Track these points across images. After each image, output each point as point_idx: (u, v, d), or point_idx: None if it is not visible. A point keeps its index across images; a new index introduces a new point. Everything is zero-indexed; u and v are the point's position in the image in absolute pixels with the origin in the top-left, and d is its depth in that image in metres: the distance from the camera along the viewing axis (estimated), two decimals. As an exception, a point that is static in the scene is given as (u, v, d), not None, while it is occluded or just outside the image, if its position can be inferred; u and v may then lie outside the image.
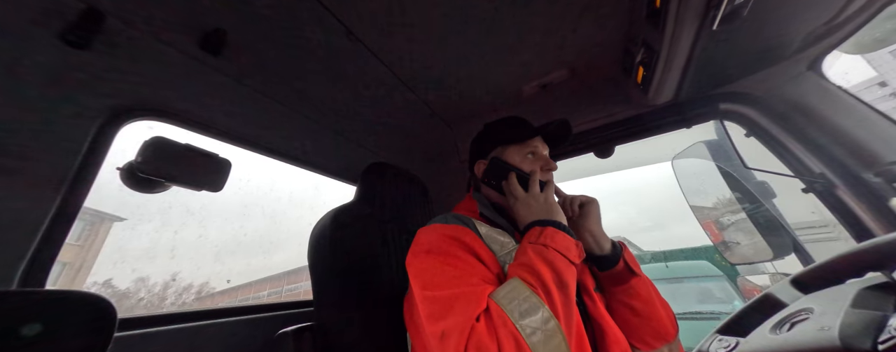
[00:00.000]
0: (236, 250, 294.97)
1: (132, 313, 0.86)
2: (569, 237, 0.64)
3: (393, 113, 1.28)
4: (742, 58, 0.92)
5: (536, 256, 0.59)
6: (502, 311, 0.52)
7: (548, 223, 0.66)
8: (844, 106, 0.89)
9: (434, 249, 0.65)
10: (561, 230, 0.65)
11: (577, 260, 0.61)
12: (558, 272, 0.57)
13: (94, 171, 0.74)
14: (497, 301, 0.53)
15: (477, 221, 0.74)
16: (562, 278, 0.56)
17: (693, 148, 1.31)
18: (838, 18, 0.78)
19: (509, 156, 0.83)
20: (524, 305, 0.52)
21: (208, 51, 0.85)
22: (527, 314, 0.51)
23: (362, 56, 0.98)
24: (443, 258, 0.63)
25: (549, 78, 1.17)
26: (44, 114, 0.67)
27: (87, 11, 0.69)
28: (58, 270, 1.21)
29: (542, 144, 0.86)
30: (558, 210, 0.72)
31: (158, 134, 0.83)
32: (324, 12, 0.83)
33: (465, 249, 0.65)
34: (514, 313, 0.51)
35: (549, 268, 0.57)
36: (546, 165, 0.81)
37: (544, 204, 0.72)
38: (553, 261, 0.58)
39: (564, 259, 0.60)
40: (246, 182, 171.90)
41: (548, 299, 0.53)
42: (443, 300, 0.56)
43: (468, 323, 0.51)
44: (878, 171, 0.82)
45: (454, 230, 0.69)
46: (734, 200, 1.25)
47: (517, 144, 0.84)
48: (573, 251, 0.62)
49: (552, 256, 0.59)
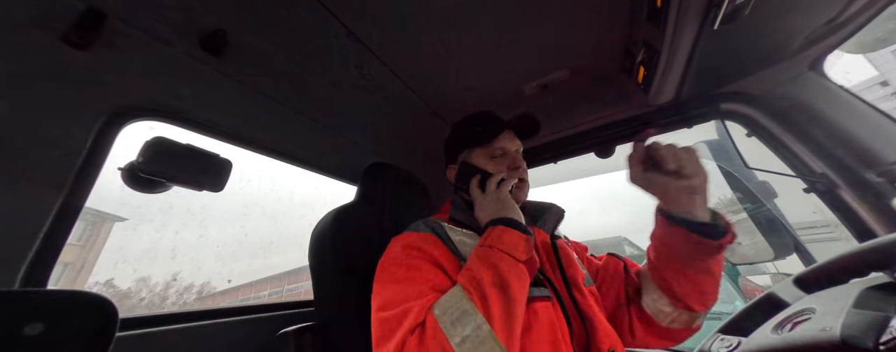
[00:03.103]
0: (237, 250, 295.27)
1: (133, 313, 0.86)
2: (517, 234, 0.63)
3: (393, 113, 1.28)
4: (743, 57, 0.92)
5: (479, 259, 0.60)
6: (436, 322, 0.52)
7: (498, 222, 0.66)
8: (846, 106, 0.89)
9: (395, 262, 0.67)
10: (510, 227, 0.64)
11: (524, 256, 0.60)
12: (500, 274, 0.56)
13: (95, 171, 0.74)
14: (434, 312, 0.54)
15: (450, 227, 0.75)
16: (503, 279, 0.56)
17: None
18: (840, 18, 0.78)
19: (476, 159, 0.83)
20: (457, 313, 0.52)
21: (209, 51, 0.85)
22: (458, 323, 0.51)
23: (362, 56, 0.98)
24: (401, 272, 0.64)
25: (550, 78, 1.17)
26: (45, 114, 0.67)
27: (87, 12, 0.69)
28: (59, 270, 1.21)
29: (511, 141, 0.84)
30: (511, 206, 0.71)
31: (159, 134, 0.84)
32: (324, 13, 0.83)
33: (426, 258, 0.66)
34: (446, 322, 0.51)
35: (490, 271, 0.57)
36: (512, 164, 0.80)
37: (496, 202, 0.71)
38: (496, 263, 0.58)
39: (510, 259, 0.59)
40: (247, 182, 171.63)
41: (482, 304, 0.53)
42: (388, 322, 0.56)
43: (403, 338, 0.52)
44: (880, 170, 0.81)
45: (419, 239, 0.70)
46: (736, 200, 1.25)
47: (482, 146, 0.83)
48: (521, 248, 0.61)
49: (496, 257, 0.59)
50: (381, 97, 1.18)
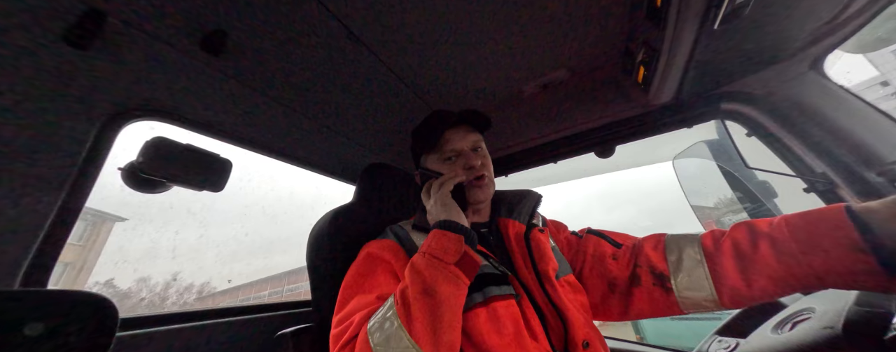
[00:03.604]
0: (237, 250, 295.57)
1: (134, 313, 0.87)
2: (450, 236, 0.63)
3: (393, 113, 1.28)
4: (743, 57, 0.92)
5: (410, 268, 0.61)
6: (365, 335, 0.55)
7: (437, 225, 0.67)
8: (846, 105, 0.89)
9: (356, 271, 0.71)
10: (444, 229, 0.65)
11: (453, 259, 0.60)
12: (426, 280, 0.57)
13: (95, 171, 0.74)
14: (367, 325, 0.57)
15: (415, 233, 0.77)
16: (429, 285, 0.56)
17: (694, 148, 1.31)
18: (840, 18, 0.78)
19: (431, 163, 0.84)
20: (383, 324, 0.55)
21: (209, 51, 0.85)
22: (380, 333, 0.54)
23: (362, 56, 0.98)
24: (358, 282, 0.69)
25: (550, 78, 1.17)
26: (45, 114, 0.67)
27: (88, 12, 0.69)
28: (60, 270, 1.22)
29: (463, 139, 0.81)
30: (449, 207, 0.69)
31: (159, 134, 0.84)
32: (324, 12, 0.83)
33: (382, 267, 0.70)
34: (374, 333, 0.55)
35: (418, 278, 0.58)
36: (466, 164, 0.78)
37: (437, 205, 0.71)
38: (423, 270, 0.59)
39: (438, 262, 0.59)
40: (247, 182, 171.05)
41: (405, 314, 0.54)
42: (334, 338, 0.61)
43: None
44: (880, 170, 0.81)
45: (380, 248, 0.73)
46: (735, 200, 1.25)
47: (434, 151, 0.83)
48: (451, 252, 0.61)
49: (425, 263, 0.60)
50: (381, 97, 1.18)
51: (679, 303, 0.68)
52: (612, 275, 0.77)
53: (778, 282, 0.58)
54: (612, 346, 1.43)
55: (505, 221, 0.81)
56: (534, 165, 1.54)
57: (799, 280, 0.56)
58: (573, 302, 0.70)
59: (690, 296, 0.66)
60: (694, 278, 0.66)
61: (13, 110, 0.63)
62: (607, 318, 0.79)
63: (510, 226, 0.79)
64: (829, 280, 0.54)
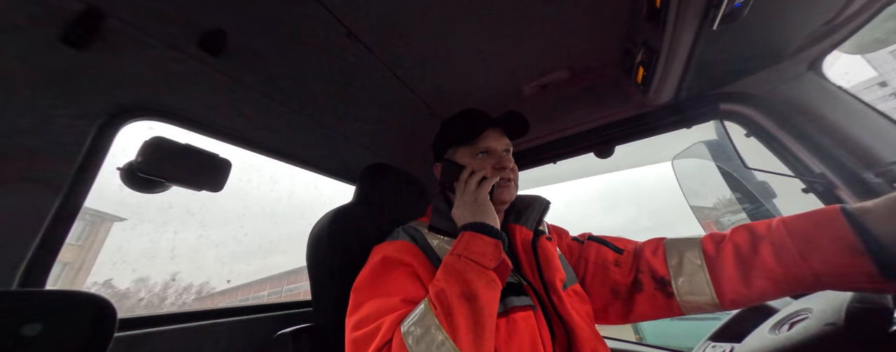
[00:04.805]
0: (237, 250, 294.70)
1: (132, 313, 0.86)
2: (486, 239, 0.61)
3: (393, 113, 1.28)
4: (742, 58, 0.92)
5: (445, 270, 0.58)
6: (401, 340, 0.52)
7: (469, 227, 0.64)
8: (845, 106, 0.89)
9: (372, 274, 0.67)
10: (479, 233, 0.62)
11: (492, 264, 0.58)
12: (467, 283, 0.55)
13: (94, 171, 0.74)
14: (401, 329, 0.53)
15: (428, 233, 0.74)
16: (470, 289, 0.54)
17: (693, 148, 1.31)
18: (838, 18, 0.78)
19: (460, 157, 0.80)
20: (420, 330, 0.52)
21: (208, 51, 0.85)
22: (422, 340, 0.51)
23: (362, 56, 0.98)
24: (378, 285, 0.64)
25: (549, 78, 1.17)
26: (43, 114, 0.67)
27: (86, 11, 0.69)
28: (58, 270, 1.21)
29: (498, 140, 0.79)
30: (486, 209, 0.67)
31: (158, 134, 0.83)
32: (324, 12, 0.83)
33: (403, 270, 0.65)
34: (411, 340, 0.51)
35: (457, 281, 0.55)
36: (498, 164, 0.76)
37: (473, 204, 0.68)
38: (463, 272, 0.56)
39: (477, 267, 0.57)
40: (246, 182, 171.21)
41: (447, 318, 0.52)
42: (358, 343, 0.57)
43: None
44: (878, 171, 0.82)
45: (397, 250, 0.69)
46: (734, 201, 1.25)
47: (467, 144, 0.80)
48: (489, 256, 0.59)
49: (463, 266, 0.57)
50: (380, 97, 1.18)
51: (680, 306, 0.68)
52: (615, 282, 0.77)
53: (778, 284, 0.59)
54: (612, 346, 1.43)
55: (512, 227, 0.79)
56: (533, 165, 1.54)
57: (799, 281, 0.57)
58: (579, 313, 0.69)
59: (692, 300, 0.67)
60: (695, 283, 0.67)
61: (11, 110, 0.63)
62: (609, 322, 0.80)
63: (518, 232, 0.77)
64: (828, 281, 0.55)
